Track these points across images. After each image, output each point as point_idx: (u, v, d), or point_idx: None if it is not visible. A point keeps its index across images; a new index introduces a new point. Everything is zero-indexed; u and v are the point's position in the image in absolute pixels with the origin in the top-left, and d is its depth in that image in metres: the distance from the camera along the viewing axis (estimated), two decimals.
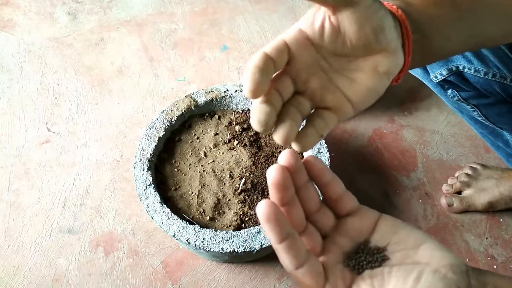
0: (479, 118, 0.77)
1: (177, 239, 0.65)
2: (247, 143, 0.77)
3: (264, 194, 0.72)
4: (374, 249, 0.30)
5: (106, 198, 0.88)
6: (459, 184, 0.88)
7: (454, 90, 0.73)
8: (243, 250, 0.63)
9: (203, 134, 0.79)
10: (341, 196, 0.31)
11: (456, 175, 0.92)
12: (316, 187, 0.31)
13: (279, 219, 0.26)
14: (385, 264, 0.29)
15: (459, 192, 0.88)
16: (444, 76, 0.67)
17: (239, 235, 0.64)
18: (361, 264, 0.29)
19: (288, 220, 0.28)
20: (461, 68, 0.64)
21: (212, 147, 0.77)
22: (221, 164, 0.75)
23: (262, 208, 0.26)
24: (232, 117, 0.81)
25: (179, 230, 0.64)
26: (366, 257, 0.30)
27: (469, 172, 0.89)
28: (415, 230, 0.30)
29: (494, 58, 0.62)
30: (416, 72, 0.77)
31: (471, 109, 0.75)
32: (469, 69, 0.64)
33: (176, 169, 0.74)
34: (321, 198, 0.32)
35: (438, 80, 0.69)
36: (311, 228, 0.30)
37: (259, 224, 0.68)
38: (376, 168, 0.94)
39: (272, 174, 0.27)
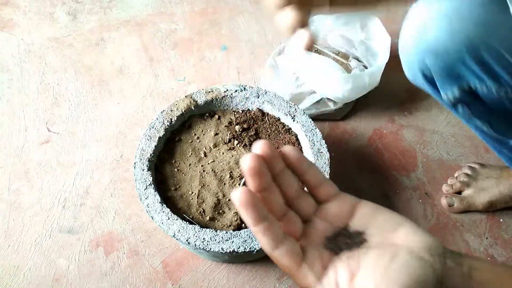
0: (488, 131, 0.76)
1: (177, 239, 0.65)
2: (247, 143, 0.77)
3: None
4: (353, 232, 0.31)
5: (106, 198, 0.88)
6: (459, 184, 0.88)
7: (464, 107, 0.71)
8: (243, 250, 0.63)
9: (203, 134, 0.79)
10: (319, 183, 0.32)
11: (455, 175, 0.92)
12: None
13: (254, 204, 0.28)
14: (363, 246, 0.30)
15: (459, 192, 0.88)
16: (456, 96, 0.65)
17: (239, 235, 0.64)
18: (339, 245, 0.30)
19: (265, 205, 0.29)
20: (473, 87, 0.63)
21: (212, 147, 0.77)
22: (221, 164, 0.75)
23: (237, 195, 0.28)
24: (232, 117, 0.81)
25: (179, 230, 0.64)
26: (345, 239, 0.31)
27: (468, 172, 0.89)
28: (394, 214, 0.31)
29: (507, 76, 0.60)
30: (426, 89, 0.76)
31: (481, 124, 0.74)
32: (481, 87, 0.62)
33: (176, 169, 0.74)
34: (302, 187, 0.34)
35: (450, 100, 0.67)
36: (291, 213, 0.31)
37: None
38: (376, 168, 0.94)
39: (246, 162, 0.28)
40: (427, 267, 0.28)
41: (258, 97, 0.81)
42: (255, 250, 0.64)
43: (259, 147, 0.30)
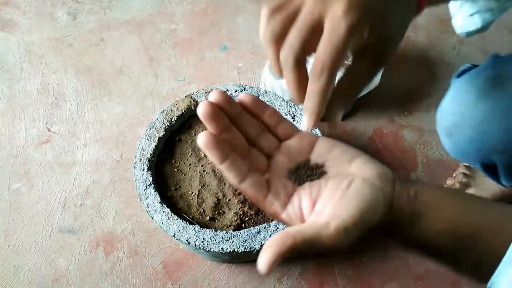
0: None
1: (177, 239, 0.65)
2: None
3: None
4: (313, 165, 0.34)
5: (106, 198, 0.88)
6: (458, 185, 0.88)
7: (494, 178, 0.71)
8: (243, 250, 0.63)
9: None
10: (278, 122, 0.36)
11: (453, 175, 0.92)
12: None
13: (215, 145, 0.31)
14: (323, 177, 0.34)
15: None
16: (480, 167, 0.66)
17: (239, 235, 0.64)
18: (301, 177, 0.34)
19: (227, 145, 0.32)
20: (494, 160, 0.63)
21: None
22: None
23: (200, 138, 0.31)
24: None
25: (179, 230, 0.64)
26: (306, 171, 0.34)
27: (466, 171, 0.89)
28: (349, 148, 0.35)
29: None
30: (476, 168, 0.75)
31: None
32: (500, 162, 0.62)
33: (176, 169, 0.74)
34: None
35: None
36: (254, 151, 0.35)
37: (259, 224, 0.68)
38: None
39: (200, 110, 0.32)
40: (377, 191, 0.31)
41: (258, 97, 0.81)
42: (255, 250, 0.64)
43: (212, 95, 0.33)
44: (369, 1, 0.30)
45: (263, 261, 0.27)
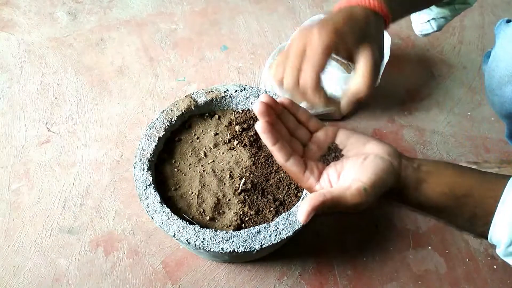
0: None
1: (177, 239, 0.65)
2: (247, 143, 0.77)
3: (264, 194, 0.72)
4: (336, 149, 0.45)
5: (106, 198, 0.88)
6: None
7: None
8: (243, 250, 0.63)
9: (203, 134, 0.79)
10: (308, 119, 0.46)
11: None
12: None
13: (269, 130, 0.41)
14: (344, 157, 0.44)
15: None
16: None
17: (239, 235, 0.64)
18: (328, 159, 0.44)
19: (276, 132, 0.42)
20: None
21: (212, 147, 0.77)
22: (221, 164, 0.75)
23: (258, 125, 0.41)
24: (232, 117, 0.81)
25: (179, 230, 0.64)
26: (331, 154, 0.45)
27: None
28: (363, 135, 0.45)
29: None
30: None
31: None
32: None
33: (176, 169, 0.74)
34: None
35: None
36: (294, 139, 0.45)
37: (259, 224, 0.68)
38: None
39: (256, 107, 0.41)
40: (388, 163, 0.41)
41: (258, 97, 0.81)
42: (255, 250, 0.64)
43: (263, 97, 0.42)
44: (335, 26, 0.43)
45: (302, 212, 0.37)
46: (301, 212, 0.37)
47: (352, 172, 0.40)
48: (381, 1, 0.47)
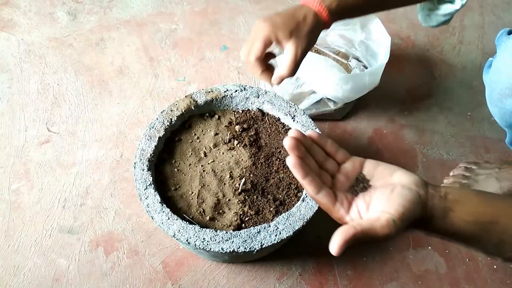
0: None
1: (177, 239, 0.65)
2: (247, 143, 0.77)
3: (264, 194, 0.72)
4: (364, 180, 0.46)
5: (106, 198, 0.88)
6: (458, 185, 0.88)
7: None
8: (243, 250, 0.63)
9: (203, 134, 0.79)
10: (336, 151, 0.47)
11: (450, 174, 0.91)
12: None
13: (300, 165, 0.42)
14: (372, 188, 0.44)
15: None
16: None
17: (239, 235, 0.64)
18: (356, 190, 0.45)
19: (306, 166, 0.43)
20: None
21: (212, 147, 0.77)
22: (221, 164, 0.75)
23: (290, 160, 0.42)
24: (232, 117, 0.81)
25: (179, 230, 0.64)
26: (359, 185, 0.45)
27: (466, 173, 0.89)
28: (389, 165, 0.46)
29: None
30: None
31: None
32: None
33: (176, 169, 0.74)
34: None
35: None
36: (323, 172, 0.46)
37: (259, 224, 0.68)
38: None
39: (287, 142, 0.43)
40: (414, 193, 0.41)
41: (258, 97, 0.81)
42: (255, 250, 0.64)
43: (292, 132, 0.44)
44: (273, 22, 0.58)
45: (334, 245, 0.38)
46: (333, 245, 0.38)
47: (380, 203, 0.41)
48: (325, 6, 0.58)
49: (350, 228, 0.38)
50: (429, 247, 0.85)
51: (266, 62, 0.61)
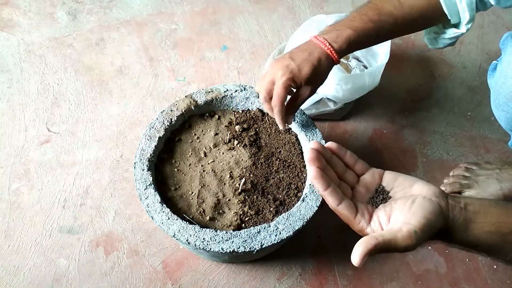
0: None
1: (177, 239, 0.65)
2: (247, 143, 0.77)
3: (264, 194, 0.72)
4: (383, 191, 0.46)
5: (106, 198, 0.88)
6: (458, 185, 0.88)
7: None
8: (243, 250, 0.63)
9: (203, 134, 0.79)
10: (355, 162, 0.48)
11: (450, 174, 0.91)
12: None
13: (322, 176, 0.42)
14: (392, 199, 0.45)
15: (459, 193, 0.88)
16: None
17: (239, 235, 0.64)
18: (377, 201, 0.45)
19: (327, 178, 0.43)
20: None
21: (212, 147, 0.77)
22: (221, 164, 0.75)
23: (310, 171, 0.42)
24: (232, 117, 0.81)
25: (179, 230, 0.64)
26: (379, 196, 0.46)
27: (466, 173, 0.88)
28: (409, 176, 0.46)
29: None
30: None
31: None
32: None
33: (176, 169, 0.74)
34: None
35: None
36: (343, 183, 0.46)
37: (259, 224, 0.68)
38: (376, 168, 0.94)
39: (307, 155, 0.44)
40: (435, 205, 0.41)
41: (258, 97, 0.81)
42: (255, 250, 0.64)
43: (313, 144, 0.45)
44: (292, 67, 0.63)
45: (356, 255, 0.38)
46: (355, 255, 0.38)
47: (401, 215, 0.41)
48: (336, 49, 0.63)
49: (371, 239, 0.39)
50: (429, 247, 0.85)
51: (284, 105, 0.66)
